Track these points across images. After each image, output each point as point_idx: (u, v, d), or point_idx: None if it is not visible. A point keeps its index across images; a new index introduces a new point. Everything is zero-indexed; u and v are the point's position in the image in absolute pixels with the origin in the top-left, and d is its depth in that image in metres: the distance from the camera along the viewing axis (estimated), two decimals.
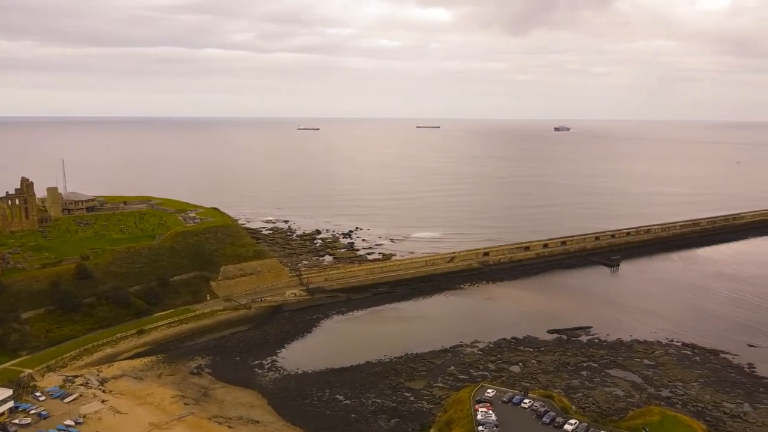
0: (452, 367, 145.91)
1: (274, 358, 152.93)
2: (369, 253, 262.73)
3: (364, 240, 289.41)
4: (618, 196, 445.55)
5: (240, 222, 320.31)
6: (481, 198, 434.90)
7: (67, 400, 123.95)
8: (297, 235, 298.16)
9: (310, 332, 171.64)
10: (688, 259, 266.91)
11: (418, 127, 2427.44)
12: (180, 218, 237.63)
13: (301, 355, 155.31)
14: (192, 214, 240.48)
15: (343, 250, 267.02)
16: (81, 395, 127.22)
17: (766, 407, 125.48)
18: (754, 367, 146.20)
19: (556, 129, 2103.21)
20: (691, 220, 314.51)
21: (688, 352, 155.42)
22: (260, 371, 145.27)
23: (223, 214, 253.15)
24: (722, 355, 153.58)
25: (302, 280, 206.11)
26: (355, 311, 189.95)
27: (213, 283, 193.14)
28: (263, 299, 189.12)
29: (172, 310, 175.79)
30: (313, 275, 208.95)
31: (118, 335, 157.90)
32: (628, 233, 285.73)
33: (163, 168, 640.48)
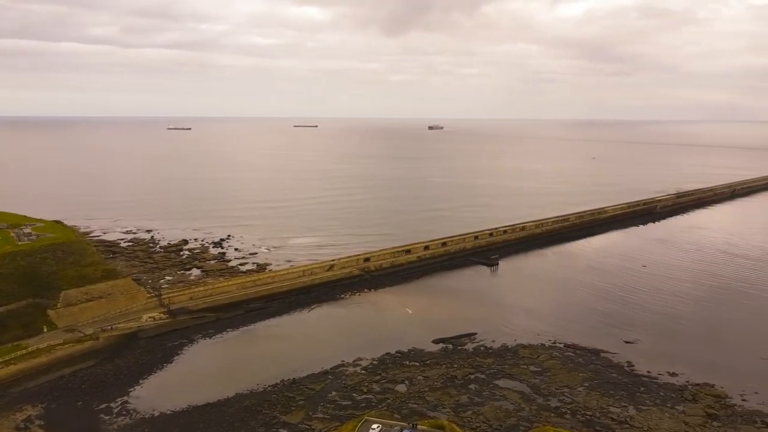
0: (333, 393, 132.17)
1: (126, 398, 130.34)
2: (242, 264, 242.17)
3: (236, 249, 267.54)
4: (495, 195, 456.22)
5: (94, 234, 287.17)
6: (361, 200, 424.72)
7: None
8: (161, 247, 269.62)
9: (171, 362, 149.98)
10: (560, 254, 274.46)
11: (295, 126, 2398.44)
12: (13, 235, 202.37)
13: (159, 391, 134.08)
14: (27, 230, 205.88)
15: (212, 262, 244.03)
16: None
17: (649, 408, 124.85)
18: (633, 365, 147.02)
19: (431, 128, 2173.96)
20: (561, 216, 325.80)
21: (571, 354, 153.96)
22: (107, 417, 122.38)
23: (67, 228, 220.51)
24: (602, 355, 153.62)
25: (162, 300, 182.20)
26: (225, 333, 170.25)
27: (51, 312, 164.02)
28: (114, 327, 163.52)
29: None
30: (176, 294, 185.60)
31: None
32: (505, 231, 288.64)
33: None
